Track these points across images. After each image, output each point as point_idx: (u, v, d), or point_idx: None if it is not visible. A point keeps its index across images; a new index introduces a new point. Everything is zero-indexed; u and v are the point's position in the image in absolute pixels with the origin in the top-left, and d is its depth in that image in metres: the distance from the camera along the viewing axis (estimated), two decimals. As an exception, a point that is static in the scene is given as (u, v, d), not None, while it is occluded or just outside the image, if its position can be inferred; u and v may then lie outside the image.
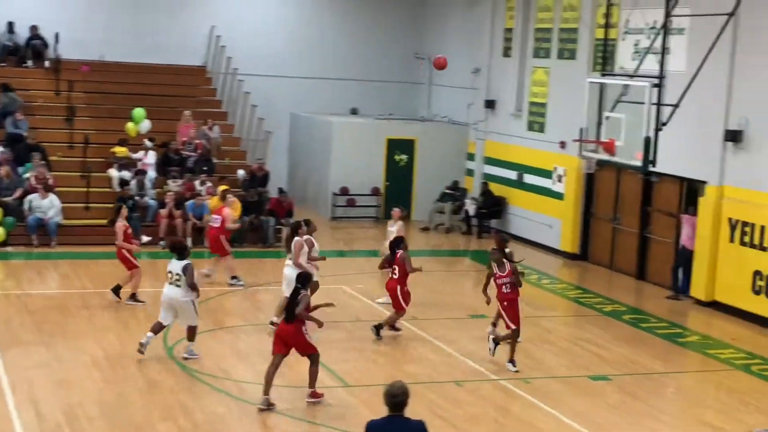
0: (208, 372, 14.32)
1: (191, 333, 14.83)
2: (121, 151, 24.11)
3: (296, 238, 16.43)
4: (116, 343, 15.51)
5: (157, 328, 14.84)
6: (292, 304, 13.03)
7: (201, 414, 12.76)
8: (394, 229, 18.94)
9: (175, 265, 14.58)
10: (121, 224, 17.72)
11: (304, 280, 13.37)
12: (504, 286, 15.06)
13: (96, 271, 20.22)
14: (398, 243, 16.74)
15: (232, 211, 20.35)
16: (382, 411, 7.96)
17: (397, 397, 7.79)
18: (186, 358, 14.78)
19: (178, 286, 14.56)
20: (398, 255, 16.45)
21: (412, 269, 16.51)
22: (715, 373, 15.69)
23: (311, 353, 13.24)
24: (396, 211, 19.46)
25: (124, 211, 18.27)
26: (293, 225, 17.12)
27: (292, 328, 13.01)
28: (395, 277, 16.50)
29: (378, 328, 16.30)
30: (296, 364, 14.88)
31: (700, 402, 14.26)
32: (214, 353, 15.25)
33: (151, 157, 24.35)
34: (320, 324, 13.42)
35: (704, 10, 18.81)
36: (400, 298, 16.34)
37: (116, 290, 17.81)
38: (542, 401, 13.75)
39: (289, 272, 15.99)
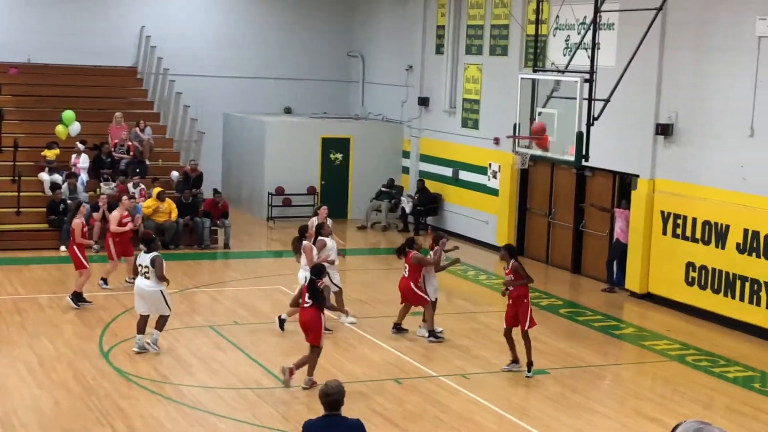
0: (145, 376, 14.17)
1: (161, 322, 15.22)
2: (51, 154, 23.76)
3: (304, 242, 16.58)
4: (50, 348, 15.28)
5: (141, 323, 15.19)
6: (314, 292, 13.72)
7: (138, 419, 12.63)
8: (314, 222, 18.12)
9: (144, 258, 15.03)
10: (78, 221, 17.58)
11: (319, 272, 14.03)
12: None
13: (28, 276, 19.92)
14: (410, 243, 16.59)
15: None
16: (321, 411, 7.93)
17: (330, 396, 7.76)
18: (147, 343, 15.10)
19: (147, 277, 15.00)
20: (410, 254, 16.29)
21: (439, 265, 16.46)
22: (650, 364, 15.89)
23: (316, 345, 13.80)
24: (323, 209, 18.85)
25: (83, 209, 18.19)
26: (300, 229, 17.11)
27: (313, 314, 13.70)
28: (406, 275, 16.38)
29: (431, 333, 16.23)
30: (236, 366, 14.80)
31: (636, 393, 14.43)
32: (151, 356, 15.10)
33: (84, 161, 24.01)
34: (346, 312, 15.67)
35: (633, 6, 19.04)
36: (418, 292, 16.26)
37: (77, 298, 17.48)
38: (481, 396, 13.82)
39: (301, 275, 16.22)
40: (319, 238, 16.80)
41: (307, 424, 7.87)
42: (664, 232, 19.31)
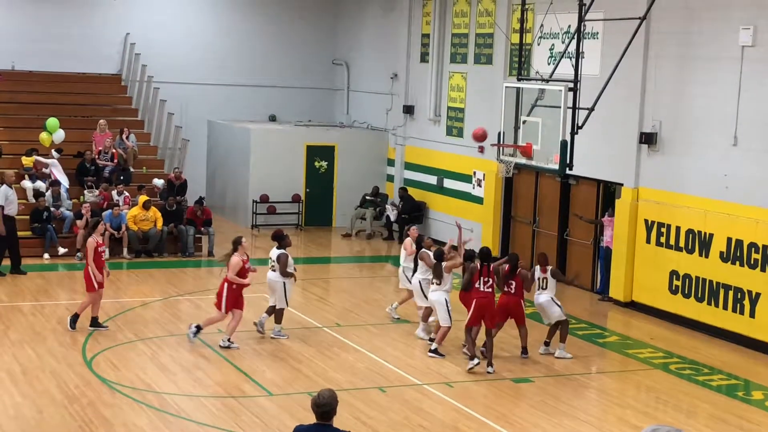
0: (128, 384, 14.12)
1: (278, 315, 16.55)
2: (28, 161, 23.63)
3: (422, 249, 16.78)
4: (33, 356, 15.21)
5: (270, 309, 16.61)
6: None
7: (122, 427, 12.57)
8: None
9: (273, 253, 16.44)
10: (93, 240, 16.46)
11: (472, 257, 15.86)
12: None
13: (12, 284, 19.82)
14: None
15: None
16: (305, 419, 7.90)
17: (322, 407, 7.72)
18: (273, 338, 16.47)
19: (274, 270, 16.40)
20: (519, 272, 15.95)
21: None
22: (634, 372, 15.91)
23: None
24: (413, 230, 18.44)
25: (101, 227, 17.03)
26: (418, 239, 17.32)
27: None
28: (512, 292, 15.93)
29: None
30: (219, 374, 14.76)
31: (620, 401, 14.45)
32: (134, 365, 15.05)
33: (55, 168, 23.75)
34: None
35: (617, 15, 19.12)
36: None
37: (94, 323, 16.74)
38: (466, 404, 13.82)
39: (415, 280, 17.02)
40: (422, 250, 16.84)
41: (298, 429, 7.84)
42: (648, 241, 19.36)
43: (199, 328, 16.06)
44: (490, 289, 15.44)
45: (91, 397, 13.55)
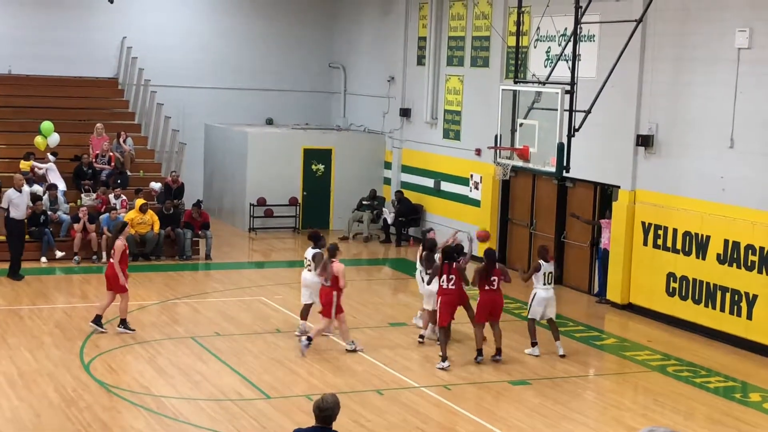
0: (126, 387, 14.12)
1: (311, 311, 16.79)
2: (25, 165, 23.63)
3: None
4: (31, 360, 15.21)
5: (305, 311, 16.86)
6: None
7: (119, 430, 12.58)
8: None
9: (309, 252, 16.64)
10: (121, 243, 16.57)
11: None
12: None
13: (8, 287, 19.80)
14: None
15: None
16: (303, 422, 7.91)
17: (324, 411, 7.74)
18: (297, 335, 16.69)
19: (310, 270, 16.52)
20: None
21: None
22: (632, 374, 15.92)
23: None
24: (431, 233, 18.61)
25: (128, 230, 17.57)
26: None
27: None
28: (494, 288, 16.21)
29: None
30: (217, 377, 14.76)
31: (617, 404, 14.45)
32: (132, 368, 15.05)
33: (52, 171, 23.74)
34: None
35: (613, 18, 19.16)
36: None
37: (97, 321, 16.74)
38: (463, 407, 13.83)
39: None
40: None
41: None
42: (645, 243, 19.38)
43: (310, 340, 16.03)
44: (453, 287, 15.80)
45: (88, 400, 13.54)
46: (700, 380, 15.62)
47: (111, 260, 16.79)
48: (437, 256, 16.58)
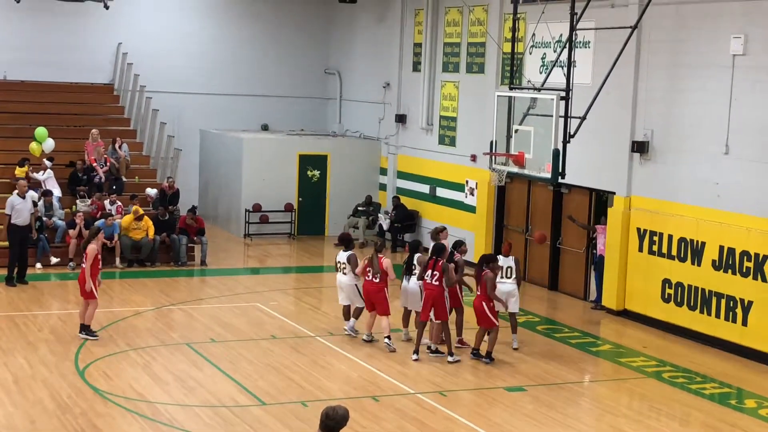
0: (121, 394, 14.09)
1: (357, 312, 17.21)
2: (20, 171, 23.58)
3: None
4: (26, 366, 15.17)
5: (346, 312, 17.42)
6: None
7: (114, 437, 12.55)
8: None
9: (342, 256, 16.94)
10: (94, 247, 16.47)
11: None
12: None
13: (3, 294, 19.77)
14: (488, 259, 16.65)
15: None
16: (298, 429, 7.90)
17: (331, 420, 7.73)
18: (348, 333, 17.22)
19: (345, 273, 16.93)
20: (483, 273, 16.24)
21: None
22: (627, 381, 15.91)
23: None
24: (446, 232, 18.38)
25: (101, 236, 17.28)
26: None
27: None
28: (478, 293, 16.38)
29: (487, 354, 16.27)
30: (212, 383, 14.74)
31: (613, 410, 14.45)
32: (127, 375, 15.02)
33: (49, 178, 23.71)
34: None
35: (608, 24, 19.18)
36: (489, 314, 16.11)
37: (86, 330, 16.72)
38: (459, 413, 13.81)
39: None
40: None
41: None
42: (641, 249, 19.38)
43: (390, 339, 16.61)
44: (437, 282, 16.04)
45: (83, 407, 13.51)
46: (695, 386, 15.62)
47: (83, 265, 16.73)
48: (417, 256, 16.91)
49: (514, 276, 17.12)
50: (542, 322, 19.42)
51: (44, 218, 22.53)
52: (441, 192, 25.64)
